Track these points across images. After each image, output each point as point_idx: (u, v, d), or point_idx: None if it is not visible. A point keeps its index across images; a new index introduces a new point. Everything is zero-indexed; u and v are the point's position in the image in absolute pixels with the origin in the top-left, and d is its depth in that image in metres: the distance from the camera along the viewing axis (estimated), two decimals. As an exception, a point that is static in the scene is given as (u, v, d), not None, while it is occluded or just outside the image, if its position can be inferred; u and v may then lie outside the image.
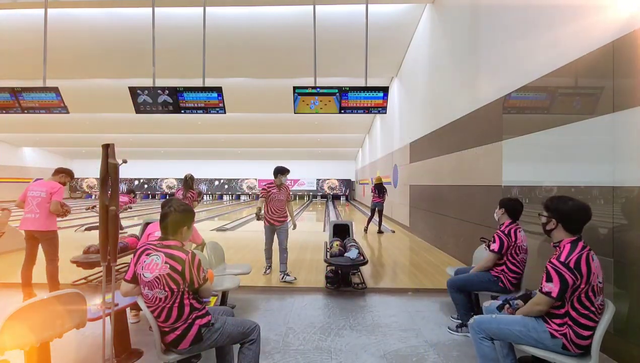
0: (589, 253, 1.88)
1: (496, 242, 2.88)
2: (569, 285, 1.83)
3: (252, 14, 7.45)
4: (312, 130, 18.18)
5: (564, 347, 1.90)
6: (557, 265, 1.86)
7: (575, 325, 1.88)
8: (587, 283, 1.83)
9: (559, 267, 1.85)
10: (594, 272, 1.84)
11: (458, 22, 5.71)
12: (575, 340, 1.88)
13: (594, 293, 1.85)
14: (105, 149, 2.15)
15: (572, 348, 1.89)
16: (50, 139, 20.97)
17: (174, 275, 1.83)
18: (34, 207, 3.69)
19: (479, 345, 2.13)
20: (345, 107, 4.81)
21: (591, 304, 1.85)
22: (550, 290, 1.86)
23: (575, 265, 1.83)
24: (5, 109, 5.14)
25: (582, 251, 1.87)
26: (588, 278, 1.82)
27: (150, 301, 1.86)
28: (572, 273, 1.82)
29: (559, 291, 1.84)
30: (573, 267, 1.82)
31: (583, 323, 1.87)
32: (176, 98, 4.93)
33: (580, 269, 1.82)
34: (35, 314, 1.81)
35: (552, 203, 2.02)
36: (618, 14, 2.49)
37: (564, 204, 1.98)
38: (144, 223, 5.31)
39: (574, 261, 1.84)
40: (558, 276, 1.84)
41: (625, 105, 2.40)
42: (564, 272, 1.83)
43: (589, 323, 1.87)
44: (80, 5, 7.07)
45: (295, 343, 2.85)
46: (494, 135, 4.27)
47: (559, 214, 1.98)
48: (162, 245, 1.92)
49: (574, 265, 1.83)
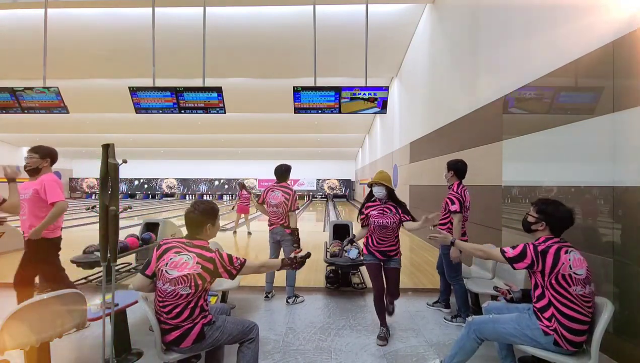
0: (563, 247, 1.98)
1: (455, 203, 3.27)
2: (526, 262, 1.99)
3: (252, 14, 7.45)
4: (312, 130, 18.20)
5: (557, 343, 1.93)
6: (529, 244, 2.04)
7: (563, 318, 1.92)
8: (552, 270, 1.93)
9: (529, 245, 2.02)
10: (563, 261, 1.92)
11: (458, 22, 5.71)
12: (566, 335, 1.91)
13: (567, 282, 1.92)
14: (105, 149, 2.15)
15: (564, 344, 1.92)
16: (50, 139, 20.91)
17: (204, 274, 1.88)
18: None
19: (465, 340, 2.16)
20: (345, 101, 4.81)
21: (568, 293, 1.92)
22: (506, 251, 2.07)
23: (542, 252, 1.97)
24: (5, 109, 5.15)
25: (555, 244, 1.99)
26: (554, 266, 1.93)
27: (169, 296, 1.87)
28: (535, 255, 1.97)
29: (512, 257, 2.03)
30: (540, 252, 1.97)
31: (570, 315, 1.91)
32: (176, 98, 4.93)
33: (546, 256, 1.95)
34: (35, 314, 1.81)
35: (546, 208, 2.09)
36: (618, 14, 2.49)
37: (557, 210, 2.07)
38: (144, 223, 5.31)
39: (542, 248, 1.98)
40: (522, 249, 2.02)
41: (625, 105, 2.40)
42: (530, 249, 2.00)
43: (576, 316, 1.91)
44: (80, 5, 7.07)
45: (295, 343, 2.85)
46: (494, 135, 4.27)
47: (550, 218, 2.07)
48: (192, 244, 1.96)
49: (541, 251, 1.97)
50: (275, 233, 3.81)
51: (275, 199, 3.79)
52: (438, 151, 6.32)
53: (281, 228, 3.77)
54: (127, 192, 26.78)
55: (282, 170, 3.93)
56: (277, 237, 3.80)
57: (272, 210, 3.82)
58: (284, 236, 3.76)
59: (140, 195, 27.00)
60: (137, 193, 26.98)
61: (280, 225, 3.78)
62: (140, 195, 27.03)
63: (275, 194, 3.81)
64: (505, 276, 3.17)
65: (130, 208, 5.38)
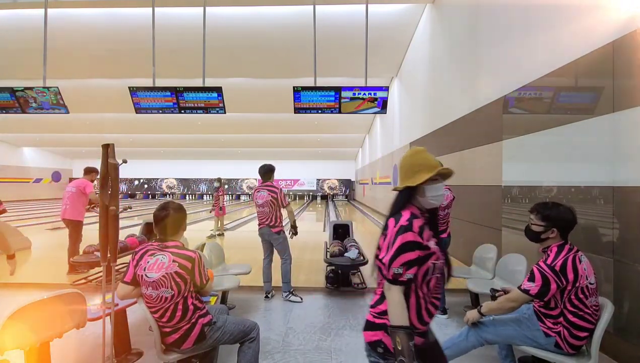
0: (576, 255, 1.89)
1: None
2: (551, 287, 1.85)
3: (252, 14, 7.45)
4: (312, 130, 18.18)
5: (557, 345, 1.91)
6: (544, 267, 1.89)
7: (570, 326, 1.89)
8: (574, 285, 1.85)
9: (545, 269, 1.88)
10: (581, 274, 1.85)
11: (458, 22, 5.71)
12: (569, 339, 1.89)
13: (585, 295, 1.86)
14: (105, 149, 2.15)
15: (565, 347, 1.90)
16: (50, 139, 20.96)
17: (182, 272, 1.86)
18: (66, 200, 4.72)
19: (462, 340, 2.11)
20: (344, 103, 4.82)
21: (584, 305, 1.87)
22: (529, 288, 1.89)
23: (561, 269, 1.85)
24: (5, 109, 5.15)
25: (569, 254, 1.90)
26: (575, 281, 1.84)
27: (155, 301, 1.86)
28: (556, 276, 1.85)
29: (539, 291, 1.86)
30: (559, 271, 1.85)
31: (578, 324, 1.88)
32: (176, 98, 4.93)
33: (566, 272, 1.84)
34: (35, 314, 1.81)
35: (550, 213, 1.97)
36: (618, 14, 2.49)
37: (561, 213, 1.96)
38: (144, 223, 5.31)
39: (559, 264, 1.86)
40: (542, 277, 1.87)
41: (625, 105, 2.40)
42: (548, 274, 1.86)
43: (584, 325, 1.88)
44: (80, 5, 7.07)
45: (295, 343, 2.85)
46: (494, 135, 4.27)
47: (558, 222, 1.94)
48: (164, 246, 1.93)
49: (560, 269, 1.85)
50: (263, 233, 3.90)
51: (262, 199, 3.83)
52: (438, 151, 6.32)
53: (267, 229, 3.83)
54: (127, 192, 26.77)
55: (264, 169, 3.95)
56: (266, 237, 3.90)
57: (259, 210, 3.88)
58: (271, 236, 3.84)
59: (140, 195, 26.98)
60: (137, 193, 26.97)
61: (266, 226, 3.83)
62: (140, 195, 27.01)
63: (261, 194, 3.85)
64: (505, 276, 3.17)
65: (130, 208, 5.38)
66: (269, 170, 3.94)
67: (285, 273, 3.88)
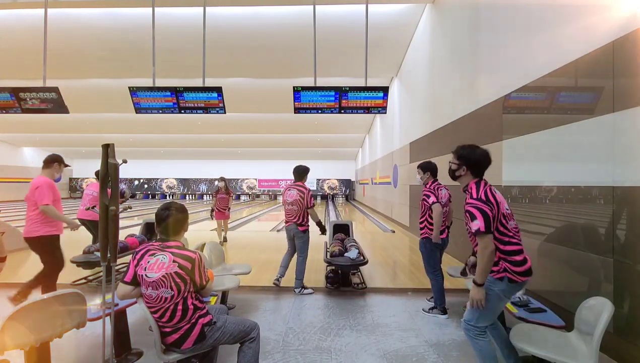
0: (491, 187, 2.12)
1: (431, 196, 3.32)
2: (490, 215, 1.98)
3: (252, 14, 7.45)
4: (312, 130, 18.19)
5: (511, 280, 2.02)
6: (474, 202, 2.03)
7: (507, 255, 2.03)
8: (499, 211, 2.03)
9: (476, 203, 2.02)
10: (500, 201, 2.06)
11: (458, 22, 5.71)
12: (514, 269, 2.02)
13: (506, 220, 2.05)
14: (105, 149, 2.15)
15: (517, 278, 2.02)
16: (50, 139, 20.97)
17: (182, 273, 1.86)
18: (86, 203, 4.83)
19: (476, 344, 2.14)
20: (345, 107, 4.82)
21: (507, 230, 2.05)
22: (478, 227, 1.98)
23: (486, 197, 2.03)
24: (5, 109, 5.15)
25: (485, 186, 2.10)
26: (498, 207, 2.03)
27: (154, 301, 1.86)
28: (488, 204, 2.01)
29: (485, 224, 1.96)
30: (485, 200, 2.02)
31: (511, 250, 2.03)
32: (176, 98, 4.93)
33: (490, 199, 2.03)
34: (35, 314, 1.81)
35: (463, 152, 2.20)
36: (618, 14, 2.49)
37: (473, 153, 2.18)
38: (144, 223, 5.32)
39: (483, 194, 2.04)
40: (479, 212, 1.98)
41: (625, 105, 2.40)
42: (481, 206, 1.99)
43: (515, 248, 2.04)
44: (80, 5, 7.07)
45: (295, 343, 2.85)
46: (494, 135, 4.27)
47: (469, 161, 2.16)
48: (165, 246, 1.93)
49: (485, 197, 2.03)
50: (289, 230, 4.10)
51: (291, 197, 4.05)
52: (438, 151, 6.32)
53: (294, 226, 4.03)
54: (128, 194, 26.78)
55: (299, 170, 4.18)
56: (291, 234, 4.09)
57: (288, 208, 4.09)
58: (297, 233, 4.03)
59: (140, 195, 26.98)
60: (137, 193, 26.97)
61: (294, 224, 4.03)
62: (140, 195, 27.01)
63: (291, 193, 4.07)
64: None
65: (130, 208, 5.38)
66: (304, 171, 4.16)
67: (301, 270, 4.04)
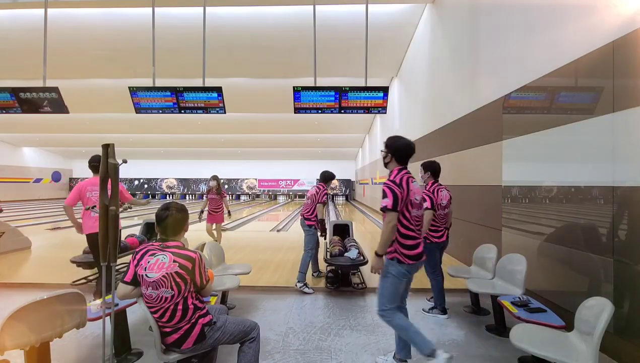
0: (410, 178, 2.35)
1: (427, 201, 3.30)
2: (399, 196, 2.24)
3: (252, 14, 7.45)
4: (312, 130, 18.19)
5: (399, 261, 2.29)
6: (388, 183, 2.28)
7: (400, 237, 2.29)
8: (407, 197, 2.28)
9: (390, 184, 2.27)
10: (411, 189, 2.31)
11: (458, 22, 5.71)
12: (402, 250, 2.29)
13: (411, 206, 2.31)
14: (105, 149, 2.15)
15: (404, 259, 2.29)
16: (50, 139, 20.97)
17: (183, 272, 1.86)
18: None
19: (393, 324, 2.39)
20: (345, 107, 4.82)
21: (409, 215, 2.31)
22: (386, 204, 2.24)
23: (400, 182, 2.28)
24: (5, 109, 5.15)
25: (405, 175, 2.34)
26: (407, 193, 2.28)
27: (155, 301, 1.86)
28: (399, 187, 2.26)
29: (393, 202, 2.23)
30: (398, 183, 2.27)
31: (403, 233, 2.30)
32: (176, 98, 4.93)
33: (402, 185, 2.27)
34: (35, 314, 1.81)
35: (388, 142, 2.45)
36: (618, 14, 2.49)
37: (397, 142, 2.42)
38: (144, 223, 5.31)
39: (398, 179, 2.29)
40: (390, 191, 2.25)
41: (625, 105, 2.40)
42: (394, 187, 2.25)
43: (408, 233, 2.31)
44: (80, 5, 7.07)
45: (295, 343, 2.85)
46: (494, 135, 4.27)
47: (393, 149, 2.41)
48: (165, 246, 1.93)
49: (399, 182, 2.28)
50: (300, 223, 4.48)
51: (309, 193, 4.51)
52: (438, 151, 6.32)
53: (302, 220, 4.39)
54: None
55: (325, 174, 4.54)
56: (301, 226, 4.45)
57: (305, 202, 4.55)
58: (304, 226, 4.37)
59: (140, 195, 26.99)
60: (137, 194, 26.98)
61: (302, 217, 4.41)
62: (140, 195, 27.01)
63: (312, 190, 4.52)
64: (505, 276, 3.17)
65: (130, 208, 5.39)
66: (329, 176, 4.52)
67: (303, 264, 4.20)
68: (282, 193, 26.97)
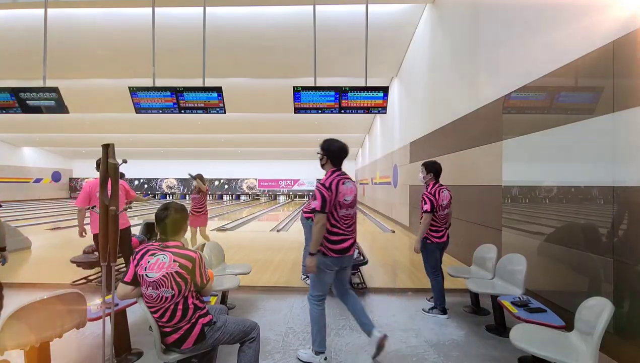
0: (342, 180, 2.47)
1: (427, 203, 3.36)
2: (327, 199, 2.38)
3: (252, 14, 7.45)
4: (312, 130, 18.18)
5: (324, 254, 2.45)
6: (319, 186, 2.43)
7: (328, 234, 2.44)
8: (336, 198, 2.42)
9: (320, 187, 2.42)
10: (341, 191, 2.43)
11: (458, 22, 5.71)
12: (327, 244, 2.45)
13: (340, 206, 2.45)
14: (105, 149, 2.15)
15: (328, 252, 2.45)
16: (50, 139, 20.96)
17: (183, 272, 1.86)
18: None
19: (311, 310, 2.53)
20: (345, 107, 4.82)
21: (337, 214, 2.44)
22: (315, 206, 2.40)
23: (329, 185, 2.42)
24: (5, 109, 5.15)
25: (337, 177, 2.47)
26: (337, 195, 2.42)
27: (155, 301, 1.86)
28: (328, 190, 2.40)
29: (321, 204, 2.38)
30: (328, 186, 2.41)
31: (329, 230, 2.44)
32: (176, 98, 4.93)
33: (331, 188, 2.41)
34: (35, 314, 1.81)
35: (324, 145, 2.58)
36: (618, 14, 2.49)
37: (332, 145, 2.56)
38: (144, 223, 5.32)
39: (328, 183, 2.43)
40: (320, 194, 2.39)
41: (625, 105, 2.40)
42: (323, 190, 2.40)
43: (334, 230, 2.45)
44: (80, 5, 7.07)
45: (295, 343, 2.85)
46: (494, 135, 4.27)
47: (327, 152, 2.56)
48: (165, 246, 1.93)
49: (329, 185, 2.42)
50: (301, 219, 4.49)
51: None
52: (438, 151, 6.32)
53: (302, 216, 4.40)
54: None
55: None
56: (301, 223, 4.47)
57: None
58: (302, 219, 4.36)
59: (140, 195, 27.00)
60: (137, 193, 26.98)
61: (303, 212, 4.44)
62: (140, 195, 27.01)
63: None
64: (505, 276, 3.17)
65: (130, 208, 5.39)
66: None
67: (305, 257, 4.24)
68: (282, 194, 26.98)
